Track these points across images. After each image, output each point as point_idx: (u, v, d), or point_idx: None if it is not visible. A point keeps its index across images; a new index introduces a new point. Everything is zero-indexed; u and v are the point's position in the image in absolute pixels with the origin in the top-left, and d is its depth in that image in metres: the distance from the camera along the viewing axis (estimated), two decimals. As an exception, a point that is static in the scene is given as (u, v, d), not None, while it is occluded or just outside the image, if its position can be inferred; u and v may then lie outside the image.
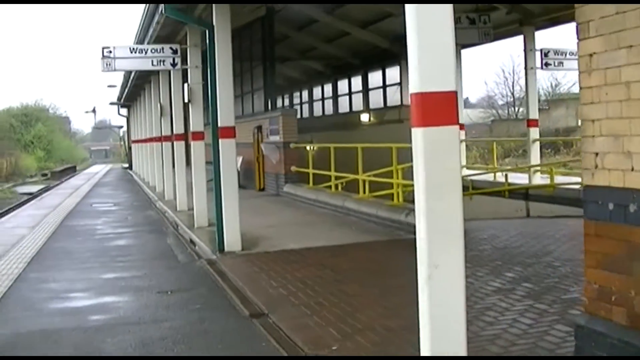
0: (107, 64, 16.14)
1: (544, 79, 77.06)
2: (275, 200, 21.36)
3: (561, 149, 46.37)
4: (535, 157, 19.97)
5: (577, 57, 5.05)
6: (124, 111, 57.32)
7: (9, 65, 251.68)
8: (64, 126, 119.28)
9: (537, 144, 20.13)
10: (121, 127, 77.67)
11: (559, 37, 79.89)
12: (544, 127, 50.62)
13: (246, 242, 12.69)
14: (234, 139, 12.63)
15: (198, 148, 16.73)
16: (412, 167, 4.87)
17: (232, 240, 12.45)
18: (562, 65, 19.53)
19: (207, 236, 14.57)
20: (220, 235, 12.51)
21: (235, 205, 12.55)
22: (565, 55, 19.53)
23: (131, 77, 31.55)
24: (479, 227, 14.41)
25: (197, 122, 16.69)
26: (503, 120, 57.21)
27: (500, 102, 62.82)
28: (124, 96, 44.27)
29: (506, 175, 20.12)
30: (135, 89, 36.33)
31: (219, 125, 12.51)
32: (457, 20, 17.32)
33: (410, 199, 16.06)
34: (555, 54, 19.41)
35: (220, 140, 12.50)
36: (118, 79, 40.02)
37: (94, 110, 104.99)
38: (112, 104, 54.02)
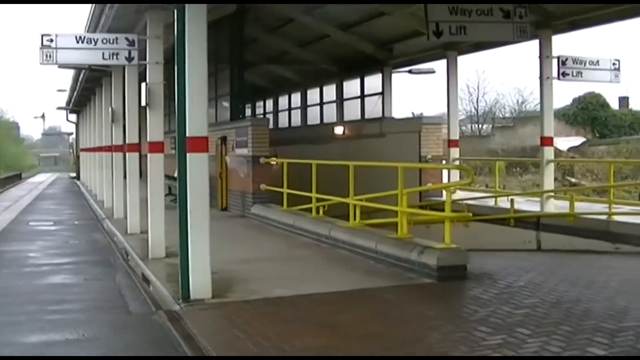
0: (47, 56, 13.06)
1: (509, 95, 75.31)
2: (243, 224, 18.37)
3: (529, 167, 44.34)
4: (549, 180, 17.20)
5: (598, 67, 3.20)
6: (73, 117, 54.05)
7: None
8: (12, 131, 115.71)
9: (552, 165, 17.39)
10: (71, 134, 74.18)
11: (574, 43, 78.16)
12: (510, 145, 48.80)
13: (217, 284, 9.75)
14: (206, 153, 9.69)
15: (156, 162, 13.72)
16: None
17: (201, 284, 9.50)
18: (581, 76, 16.82)
19: (165, 272, 11.63)
20: (185, 277, 9.52)
21: (206, 238, 9.58)
22: (585, 64, 16.90)
23: (80, 79, 28.45)
24: (501, 265, 11.79)
25: (155, 130, 13.69)
26: (467, 137, 55.01)
27: (462, 118, 60.59)
28: (72, 100, 41.12)
29: (512, 201, 17.43)
30: (85, 93, 33.17)
31: (188, 134, 9.53)
32: (488, 12, 14.61)
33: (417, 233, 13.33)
34: (574, 63, 16.76)
35: (188, 155, 9.53)
36: (68, 81, 36.97)
37: (43, 116, 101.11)
38: (59, 108, 50.60)
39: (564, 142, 46.59)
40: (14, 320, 9.15)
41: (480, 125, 60.57)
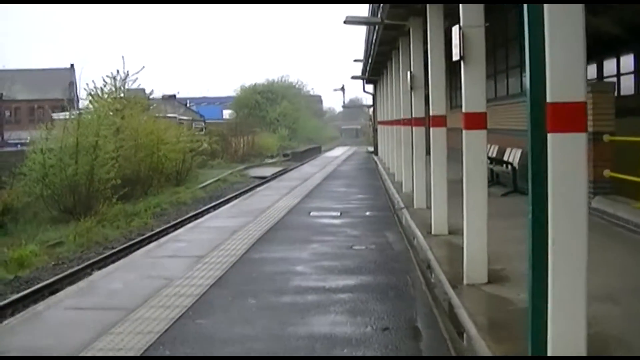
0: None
1: None
2: (585, 223, 13.52)
3: None
4: None
5: None
6: (369, 88, 51.85)
7: (258, 41, 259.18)
8: (315, 105, 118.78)
9: None
10: (370, 106, 72.48)
11: None
12: None
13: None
14: (584, 134, 5.22)
15: (475, 140, 9.35)
16: None
17: None
18: None
19: (487, 316, 7.40)
20: (539, 342, 5.21)
21: (581, 281, 5.32)
22: None
23: (373, 39, 25.16)
24: None
25: (474, 95, 9.30)
26: None
27: None
28: (367, 69, 38.61)
29: None
30: (379, 59, 30.00)
31: (549, 100, 5.12)
32: None
33: None
34: None
35: (550, 135, 5.12)
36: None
37: (342, 89, 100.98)
38: (354, 78, 48.38)
39: None
40: None
41: None
